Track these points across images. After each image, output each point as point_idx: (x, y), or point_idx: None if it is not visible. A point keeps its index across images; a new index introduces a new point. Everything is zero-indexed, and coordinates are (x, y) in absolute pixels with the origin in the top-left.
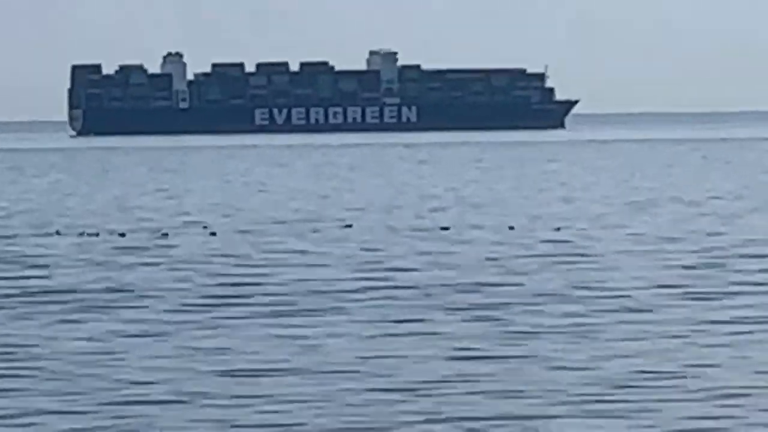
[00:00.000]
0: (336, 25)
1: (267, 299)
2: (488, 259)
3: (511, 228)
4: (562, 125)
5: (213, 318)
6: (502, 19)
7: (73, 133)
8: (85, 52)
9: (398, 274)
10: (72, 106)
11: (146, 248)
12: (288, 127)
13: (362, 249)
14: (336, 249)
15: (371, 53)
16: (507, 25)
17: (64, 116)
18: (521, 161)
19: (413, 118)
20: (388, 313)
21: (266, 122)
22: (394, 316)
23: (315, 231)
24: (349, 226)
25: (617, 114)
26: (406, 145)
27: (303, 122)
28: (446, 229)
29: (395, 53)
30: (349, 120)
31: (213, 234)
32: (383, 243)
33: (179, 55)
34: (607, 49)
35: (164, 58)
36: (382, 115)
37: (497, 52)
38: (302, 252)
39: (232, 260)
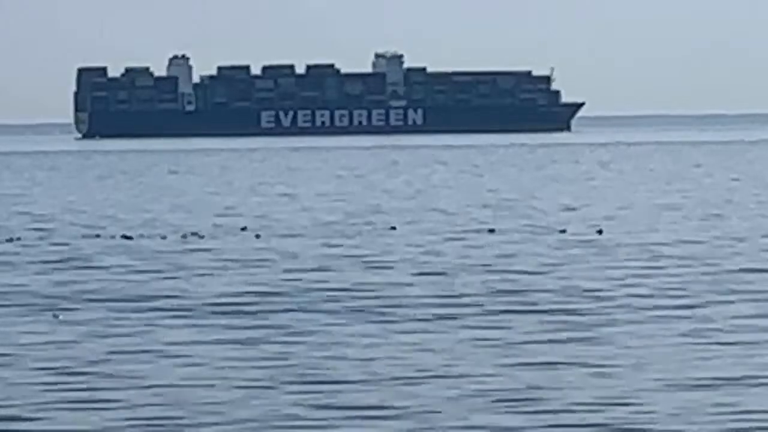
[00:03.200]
0: (342, 28)
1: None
2: (556, 264)
3: (563, 231)
4: (568, 128)
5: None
6: (507, 21)
7: (79, 135)
8: (91, 54)
9: (456, 278)
10: (78, 109)
11: (195, 250)
12: (294, 130)
13: (419, 252)
14: (391, 251)
15: (377, 56)
16: (513, 28)
17: (69, 119)
18: (538, 163)
19: (419, 121)
20: (455, 320)
21: (272, 125)
22: (461, 322)
23: (359, 234)
24: (394, 228)
25: (623, 116)
26: (417, 147)
27: (309, 125)
28: (492, 231)
29: (401, 56)
30: (355, 123)
31: (258, 236)
32: (434, 245)
33: (185, 57)
34: (614, 52)
35: (170, 60)
36: (388, 117)
37: (503, 55)
38: (356, 254)
39: (290, 264)
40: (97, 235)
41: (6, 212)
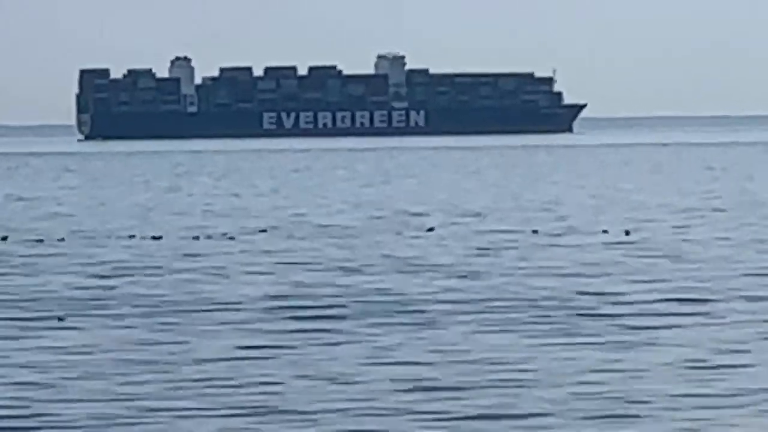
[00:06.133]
0: (344, 29)
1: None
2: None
3: (605, 231)
4: (569, 129)
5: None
6: (509, 22)
7: (81, 137)
8: (93, 56)
9: (510, 281)
10: (80, 111)
11: (246, 251)
12: (296, 132)
13: (471, 254)
14: (436, 254)
15: (379, 57)
16: (515, 29)
17: (72, 120)
18: (547, 165)
19: (421, 122)
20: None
21: (274, 126)
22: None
23: (398, 234)
24: (431, 229)
25: (625, 118)
26: (424, 149)
27: (311, 126)
28: (536, 232)
29: (403, 57)
30: (357, 124)
31: (289, 237)
32: (478, 247)
33: (187, 59)
34: (616, 53)
35: (172, 62)
36: (390, 119)
37: (505, 56)
38: (400, 256)
39: (326, 264)
40: (131, 236)
41: (29, 214)
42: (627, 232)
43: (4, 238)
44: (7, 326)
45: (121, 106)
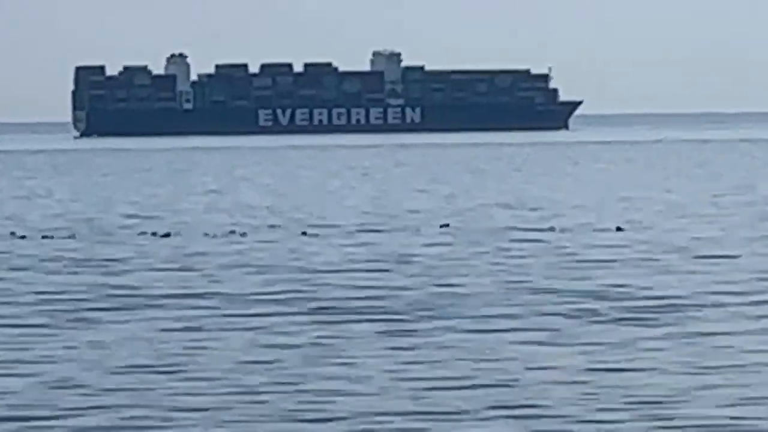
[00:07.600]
0: (339, 26)
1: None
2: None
3: (620, 229)
4: (565, 126)
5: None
6: (505, 19)
7: (77, 134)
8: (89, 53)
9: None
10: (76, 108)
11: (269, 249)
12: (292, 128)
13: (486, 251)
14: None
15: (375, 54)
16: (511, 26)
17: (67, 117)
18: (545, 162)
19: (417, 119)
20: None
21: (270, 123)
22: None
23: (417, 230)
24: (446, 225)
25: (621, 115)
26: (420, 146)
27: (307, 123)
28: (553, 230)
29: (399, 54)
30: (353, 121)
31: (304, 234)
32: (495, 244)
33: (183, 56)
34: (612, 51)
35: (168, 59)
36: (386, 116)
37: (501, 53)
38: (417, 252)
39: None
40: (141, 233)
41: (41, 213)
42: (618, 228)
43: (22, 237)
44: (9, 327)
45: (117, 103)
